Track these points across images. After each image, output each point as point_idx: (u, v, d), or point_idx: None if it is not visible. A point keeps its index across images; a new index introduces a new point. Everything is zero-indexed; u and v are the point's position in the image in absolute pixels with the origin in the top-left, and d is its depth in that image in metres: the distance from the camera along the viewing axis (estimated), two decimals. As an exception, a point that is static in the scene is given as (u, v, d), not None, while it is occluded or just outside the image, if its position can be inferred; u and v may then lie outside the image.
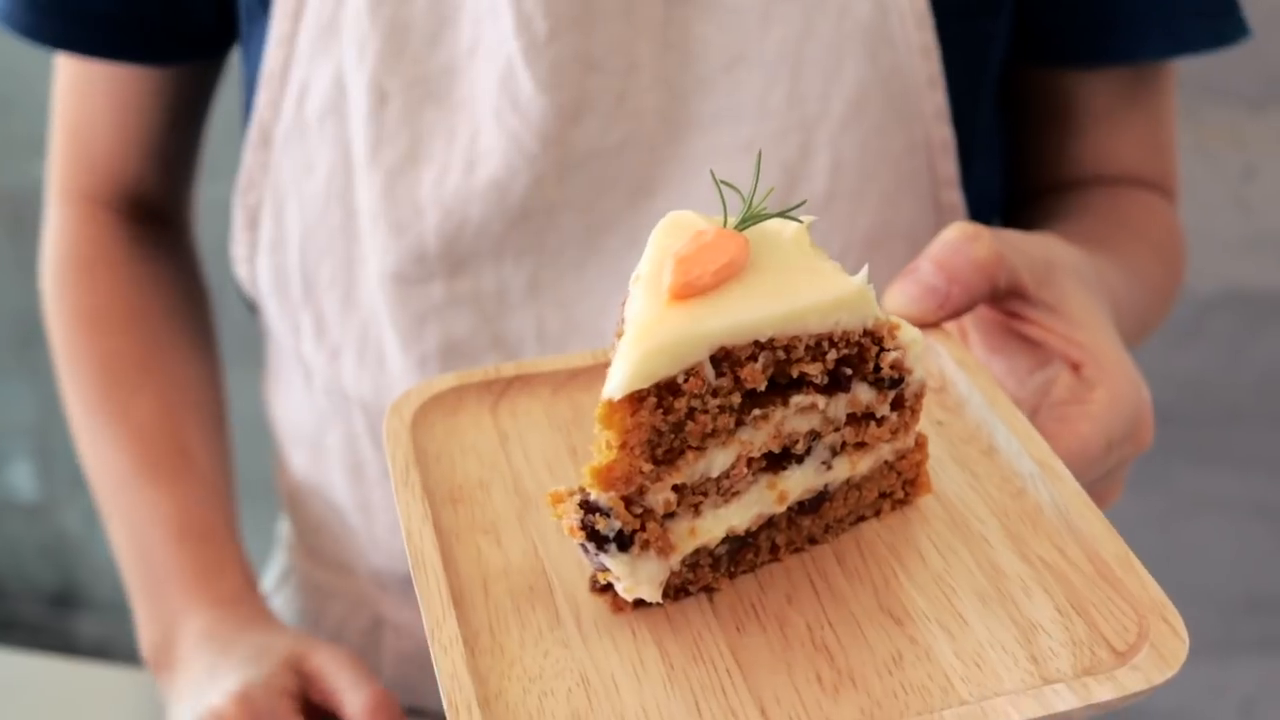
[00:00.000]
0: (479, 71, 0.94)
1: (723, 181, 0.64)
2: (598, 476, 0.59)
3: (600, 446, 0.59)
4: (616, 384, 0.57)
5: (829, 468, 0.65)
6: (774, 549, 0.66)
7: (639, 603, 0.63)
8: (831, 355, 0.62)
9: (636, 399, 0.58)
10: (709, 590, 0.65)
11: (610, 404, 0.58)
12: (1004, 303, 0.77)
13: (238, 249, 1.06)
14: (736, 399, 0.61)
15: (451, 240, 0.96)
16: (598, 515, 0.60)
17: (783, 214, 0.63)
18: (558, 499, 0.62)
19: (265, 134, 1.01)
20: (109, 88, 1.08)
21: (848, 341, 0.62)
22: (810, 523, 0.66)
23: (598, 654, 0.62)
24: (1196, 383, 2.07)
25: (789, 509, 0.65)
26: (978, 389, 0.73)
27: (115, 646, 2.28)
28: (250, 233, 1.04)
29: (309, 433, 1.10)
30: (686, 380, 0.59)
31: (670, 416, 0.59)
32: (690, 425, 0.60)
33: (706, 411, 0.60)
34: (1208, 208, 1.93)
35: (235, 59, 1.11)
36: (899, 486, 0.68)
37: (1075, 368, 0.76)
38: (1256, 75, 1.91)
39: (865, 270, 0.63)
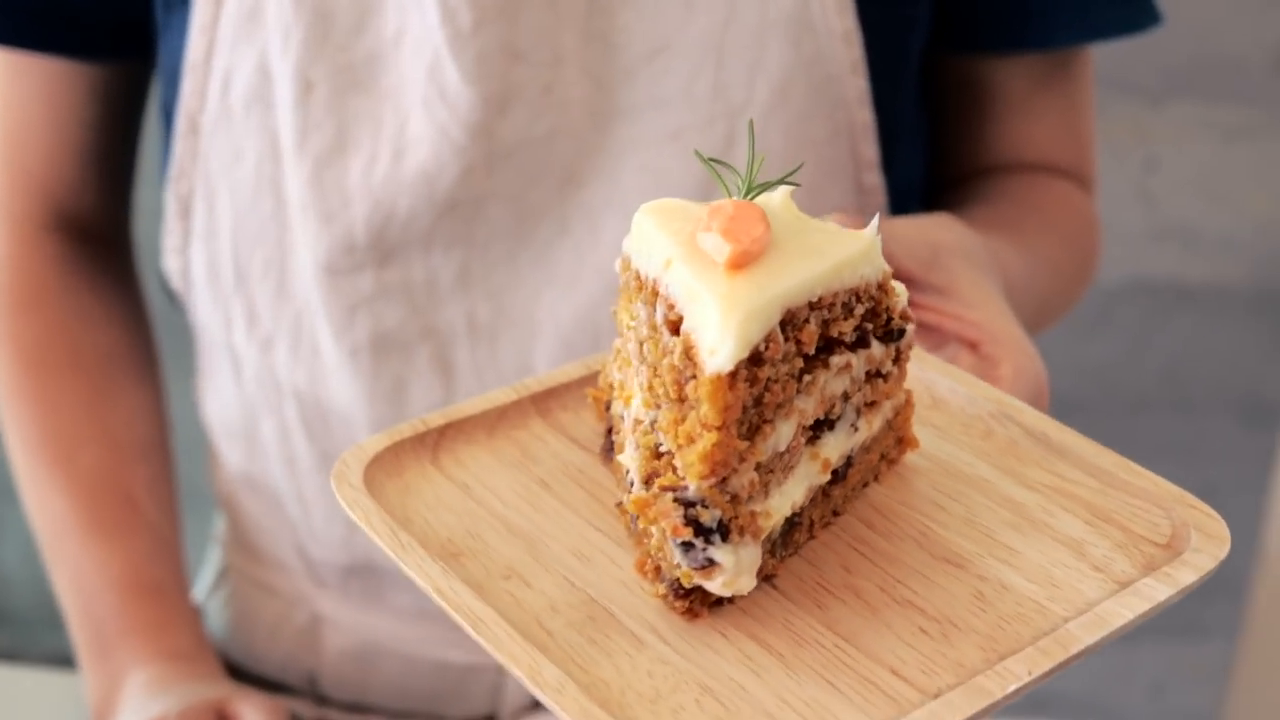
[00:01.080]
0: (405, 60, 0.92)
1: (710, 160, 0.62)
2: (705, 461, 0.56)
3: (691, 434, 0.56)
4: (726, 355, 0.55)
5: (856, 429, 0.65)
6: (811, 526, 0.64)
7: (715, 604, 0.60)
8: (859, 310, 0.62)
9: (734, 372, 0.55)
10: (769, 578, 0.62)
11: (718, 379, 0.55)
12: None
13: (170, 239, 1.01)
14: (799, 364, 0.59)
15: (380, 230, 0.94)
16: (698, 508, 0.57)
17: (784, 180, 0.62)
18: (645, 504, 0.58)
19: (192, 122, 0.98)
20: (42, 90, 1.05)
21: (869, 294, 0.62)
22: (838, 493, 0.65)
23: (702, 662, 0.58)
24: (1104, 372, 2.11)
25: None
26: (895, 353, 0.74)
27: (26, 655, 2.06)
28: (183, 222, 1.00)
29: (241, 426, 1.06)
30: (767, 347, 0.57)
31: (754, 389, 0.57)
32: (767, 397, 0.58)
33: (778, 381, 0.58)
34: (1112, 200, 1.97)
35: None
36: (893, 445, 0.68)
37: (973, 347, 0.78)
38: (1157, 69, 1.96)
39: (875, 220, 0.63)
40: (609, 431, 0.69)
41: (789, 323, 0.58)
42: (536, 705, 1.09)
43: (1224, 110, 2.07)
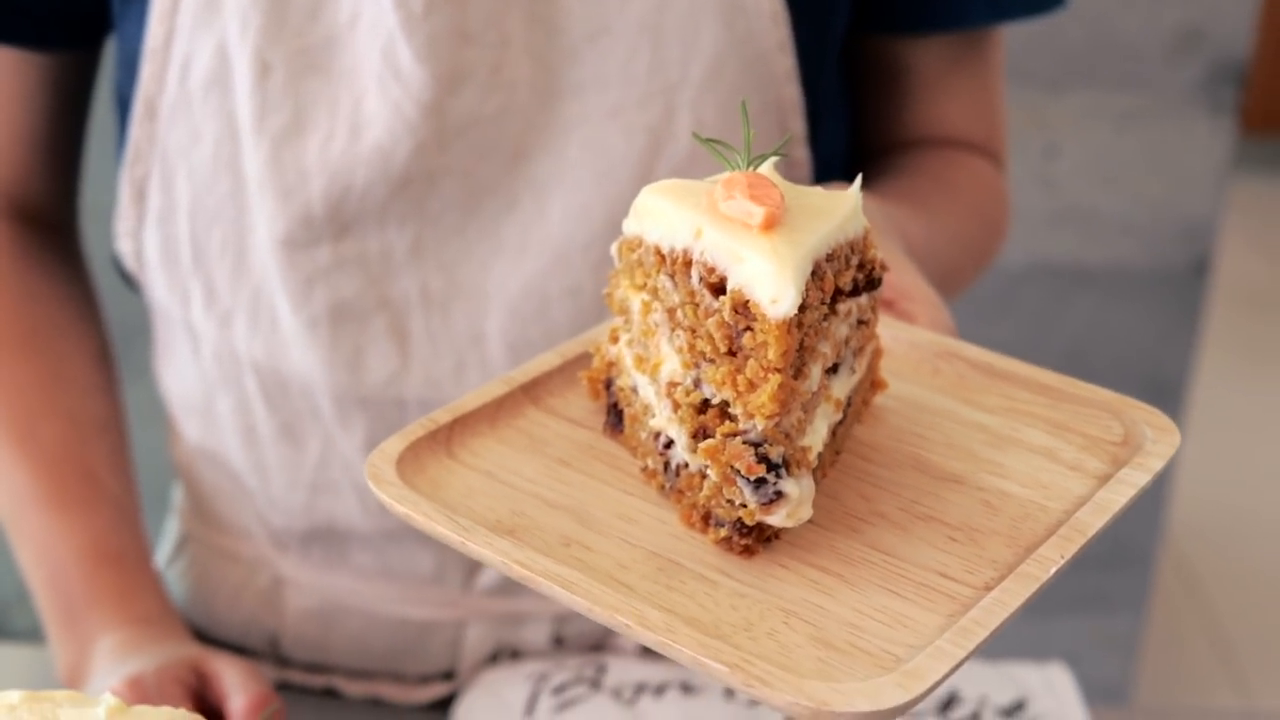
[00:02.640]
0: (360, 43, 0.96)
1: (709, 140, 0.68)
2: (774, 400, 0.61)
3: (753, 380, 0.62)
4: (790, 301, 0.60)
5: (853, 371, 0.71)
6: (824, 465, 0.70)
7: (767, 540, 0.66)
8: (854, 261, 0.68)
9: (787, 319, 0.61)
10: (802, 513, 0.68)
11: (784, 323, 0.60)
12: None
13: (123, 223, 1.04)
14: (824, 311, 0.65)
15: (337, 204, 0.98)
16: (765, 446, 0.62)
17: (776, 151, 0.68)
18: (716, 451, 0.63)
19: (150, 107, 1.02)
20: None
21: (859, 247, 0.69)
22: (840, 431, 0.72)
23: (775, 591, 0.64)
24: (1008, 352, 2.11)
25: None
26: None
27: None
28: (137, 206, 1.03)
29: (199, 401, 1.09)
30: (807, 295, 0.63)
31: (799, 334, 0.63)
32: (805, 341, 0.64)
33: (812, 327, 0.64)
34: (1014, 185, 1.93)
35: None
36: (868, 386, 0.75)
37: (888, 305, 0.84)
38: (1055, 58, 1.98)
39: (859, 179, 0.70)
40: (612, 407, 0.73)
41: (816, 274, 0.64)
42: (494, 659, 1.12)
43: (1120, 97, 2.15)
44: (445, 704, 1.14)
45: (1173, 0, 2.13)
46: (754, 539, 0.65)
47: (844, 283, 0.67)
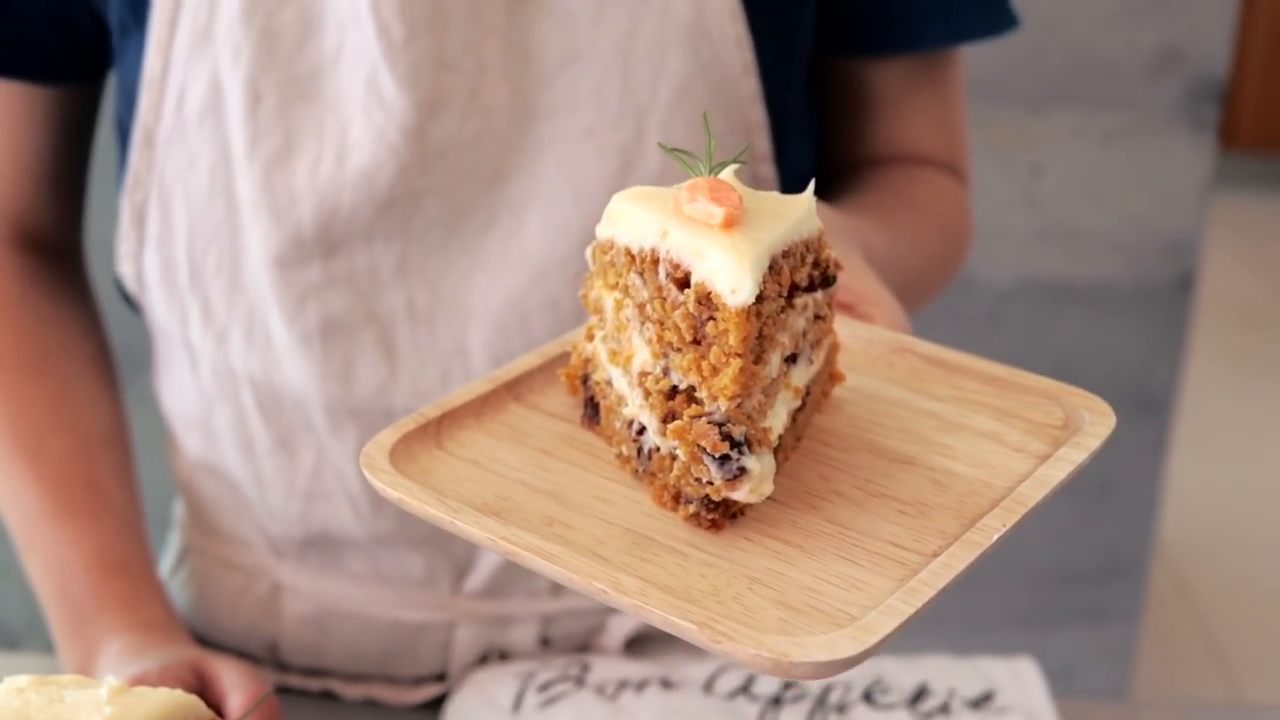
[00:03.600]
0: (345, 72, 1.02)
1: (674, 150, 0.74)
2: (736, 382, 0.67)
3: (715, 365, 0.68)
4: (747, 291, 0.66)
5: (811, 362, 0.77)
6: (786, 448, 0.76)
7: (733, 516, 0.71)
8: (809, 259, 0.74)
9: (751, 306, 0.67)
10: (765, 493, 0.74)
11: (743, 311, 0.66)
12: None
13: (124, 246, 1.10)
14: (781, 303, 0.71)
15: (325, 225, 1.04)
16: (728, 425, 0.68)
17: (736, 159, 0.74)
18: (684, 430, 0.69)
19: (148, 135, 1.07)
20: (1, 114, 1.14)
21: (813, 247, 0.75)
22: (800, 418, 0.77)
23: (740, 560, 0.69)
24: None
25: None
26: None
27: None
28: (137, 229, 1.09)
29: (198, 416, 1.14)
30: (764, 287, 0.68)
31: (758, 322, 0.69)
32: (764, 330, 0.70)
33: (770, 318, 0.70)
34: (1000, 204, 1.92)
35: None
36: (827, 378, 0.81)
37: (847, 308, 0.89)
38: (1037, 80, 2.02)
39: (812, 184, 0.75)
40: (589, 400, 0.79)
41: (772, 268, 0.70)
42: (483, 660, 1.17)
43: (1102, 116, 2.19)
44: (437, 704, 1.19)
45: (1152, 21, 2.18)
46: (720, 514, 0.70)
47: (800, 278, 0.73)
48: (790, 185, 1.16)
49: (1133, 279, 2.32)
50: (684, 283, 0.69)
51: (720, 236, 0.68)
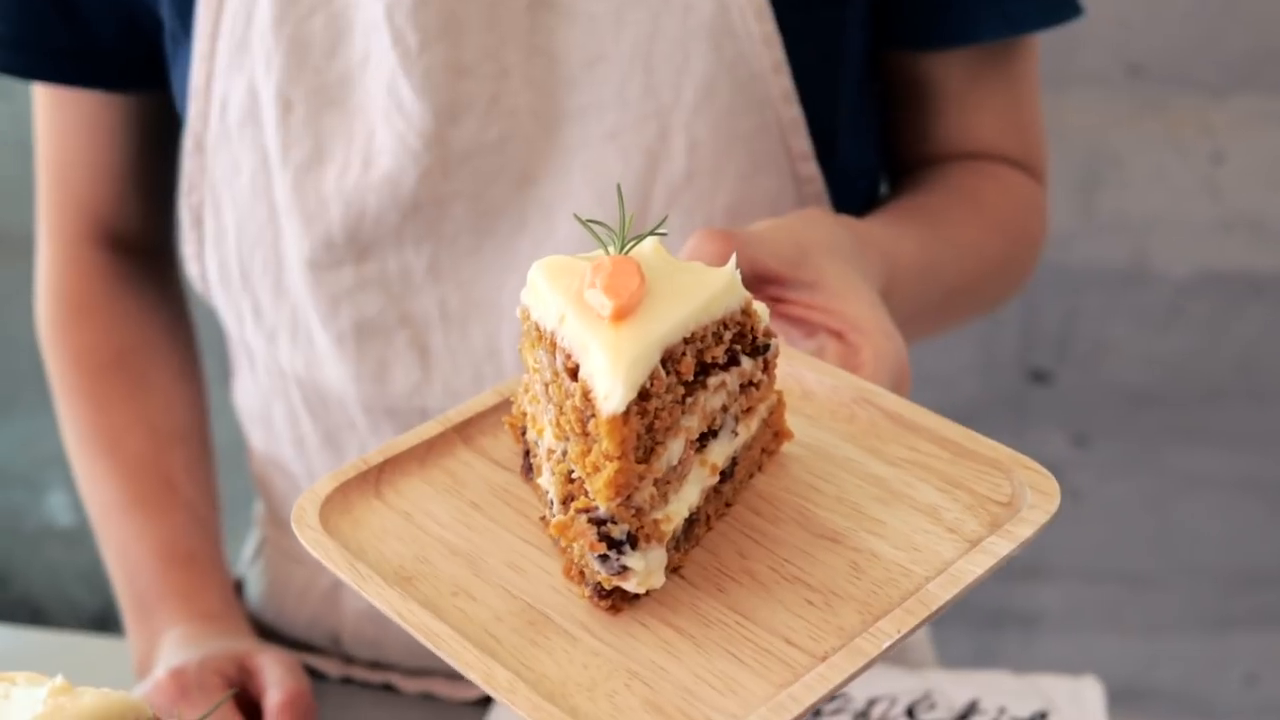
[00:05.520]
0: (371, 79, 1.04)
1: (589, 220, 0.72)
2: (610, 487, 0.66)
3: (595, 464, 0.67)
4: (618, 399, 0.65)
5: (735, 434, 0.75)
6: (708, 520, 0.75)
7: (633, 599, 0.71)
8: (727, 336, 0.72)
9: (627, 410, 0.66)
10: (676, 569, 0.73)
11: (614, 419, 0.65)
12: (763, 289, 0.88)
13: (187, 247, 1.15)
14: (680, 392, 0.70)
15: (354, 230, 1.06)
16: (608, 525, 0.68)
17: (653, 232, 0.73)
18: (565, 527, 0.69)
19: (198, 141, 1.11)
20: (80, 121, 1.20)
21: (734, 321, 0.73)
22: (728, 488, 0.76)
23: (627, 650, 0.69)
24: (1178, 364, 2.10)
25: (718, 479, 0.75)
26: (767, 351, 0.85)
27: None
28: (196, 230, 1.13)
29: (260, 412, 1.20)
30: (651, 384, 0.67)
31: (644, 420, 0.68)
32: (656, 424, 0.69)
33: (665, 409, 0.69)
34: (1179, 193, 1.89)
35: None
36: (770, 439, 0.79)
37: (838, 336, 0.87)
38: (1219, 64, 1.96)
39: (733, 259, 0.73)
40: (526, 454, 0.79)
41: (668, 359, 0.68)
42: None
43: None
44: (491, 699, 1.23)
45: (1340, 1, 2.04)
46: (617, 598, 0.70)
47: (716, 356, 0.72)
48: (846, 181, 1.13)
49: (1320, 271, 2.20)
50: (575, 374, 0.68)
51: (606, 331, 0.67)
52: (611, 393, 0.65)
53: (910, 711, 1.10)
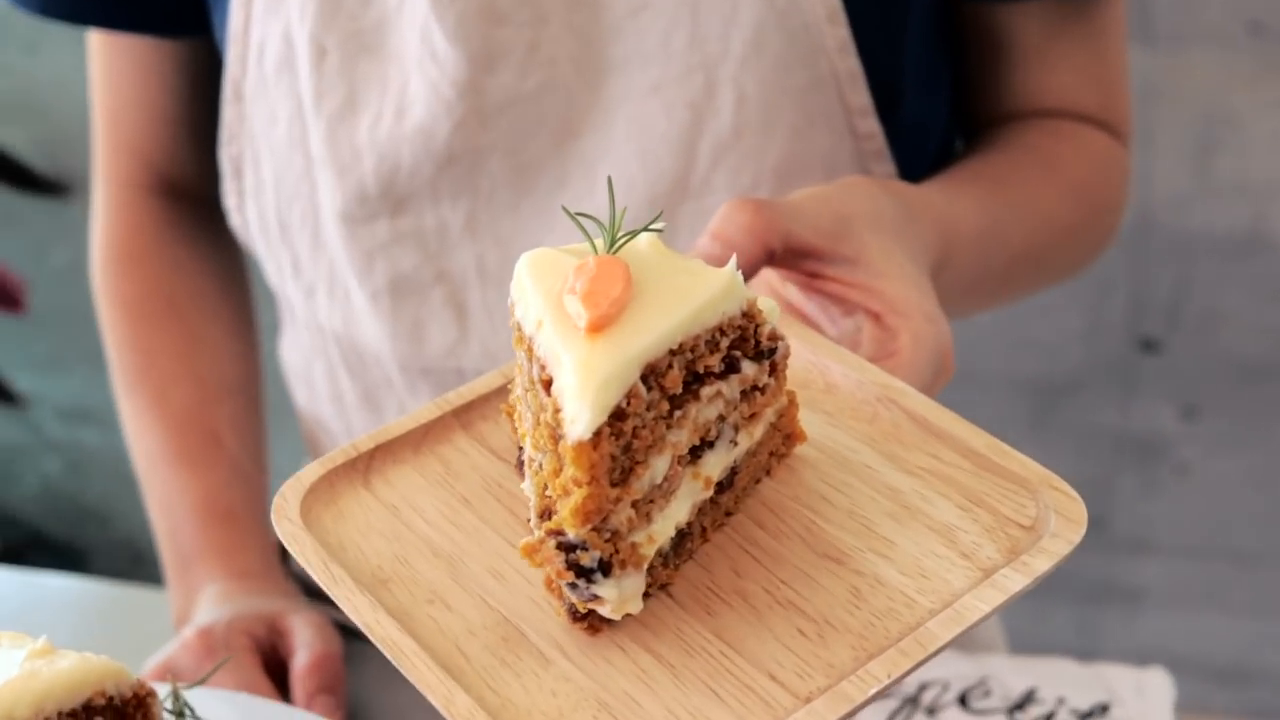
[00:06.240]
0: (406, 26, 1.00)
1: (577, 214, 0.67)
2: (577, 515, 0.62)
3: (565, 487, 0.62)
4: (584, 425, 0.60)
5: (735, 444, 0.70)
6: (703, 531, 0.70)
7: (612, 620, 0.67)
8: (724, 343, 0.67)
9: (597, 434, 0.61)
10: (664, 587, 0.69)
11: (580, 445, 0.61)
12: (799, 264, 0.82)
13: (229, 199, 1.13)
14: (665, 407, 0.65)
15: (388, 182, 1.03)
16: (577, 552, 0.63)
17: (646, 228, 0.67)
18: (533, 550, 0.64)
19: (237, 89, 1.10)
20: (132, 66, 1.18)
21: (733, 326, 0.67)
22: (727, 498, 0.71)
23: (600, 677, 0.65)
24: None
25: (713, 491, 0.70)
26: (794, 336, 0.79)
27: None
28: (236, 181, 1.11)
29: (302, 368, 1.19)
30: (628, 403, 0.62)
31: (620, 440, 0.63)
32: (635, 444, 0.64)
33: (645, 426, 0.64)
34: None
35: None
36: (781, 442, 0.74)
37: (876, 318, 0.81)
38: None
39: (734, 259, 0.68)
40: (521, 447, 0.75)
41: (652, 373, 0.63)
42: None
43: None
44: None
45: None
46: (592, 620, 0.66)
47: (709, 365, 0.66)
48: (912, 137, 1.06)
49: None
50: (549, 387, 0.64)
51: (580, 345, 0.62)
52: (578, 417, 0.60)
53: (963, 699, 1.05)
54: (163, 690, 0.83)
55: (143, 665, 1.02)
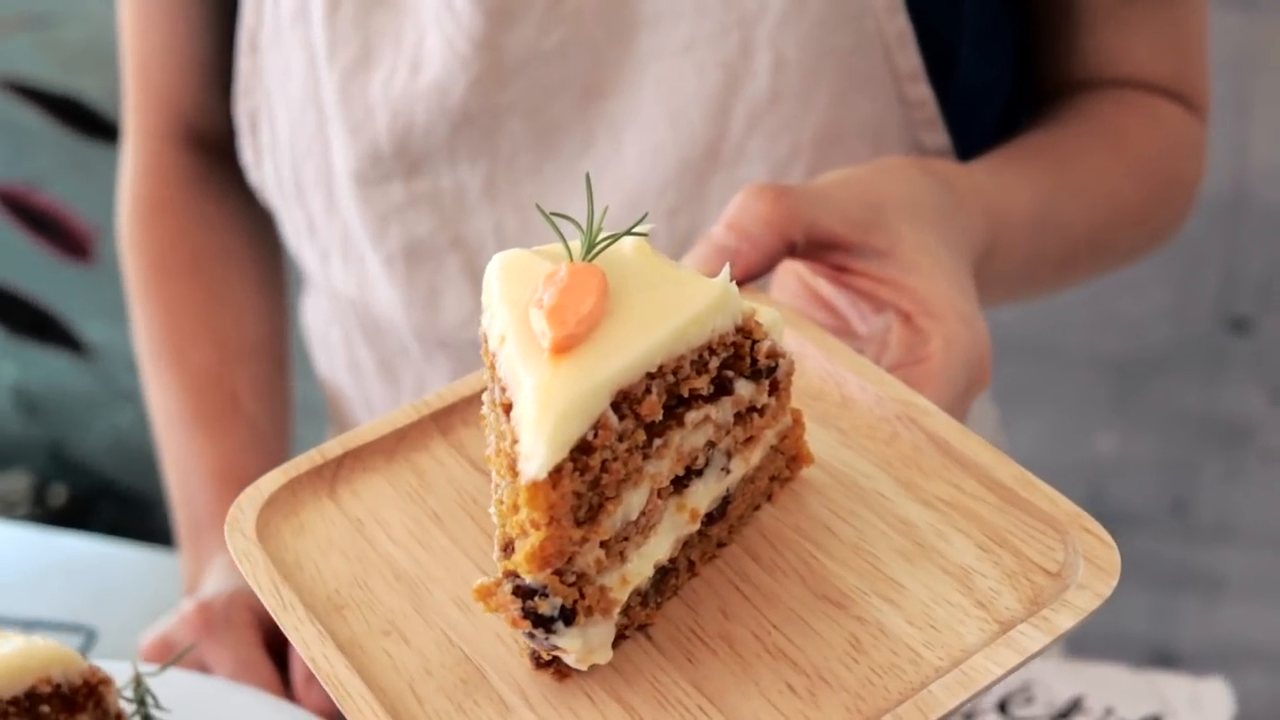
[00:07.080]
0: None
1: (552, 214, 0.60)
2: (533, 560, 0.55)
3: (523, 528, 0.56)
4: (539, 463, 0.53)
5: (728, 471, 0.63)
6: (691, 565, 0.64)
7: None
8: (714, 363, 0.60)
9: (557, 471, 0.54)
10: (643, 628, 0.62)
11: (535, 485, 0.54)
12: (825, 256, 0.75)
13: (245, 154, 1.08)
14: (641, 437, 0.58)
15: (402, 141, 0.97)
16: (536, 598, 0.57)
17: (629, 232, 0.60)
18: (487, 593, 0.58)
19: (252, 39, 1.05)
20: (161, 13, 1.13)
21: (725, 344, 0.60)
22: (719, 529, 0.64)
23: (563, 731, 0.59)
24: None
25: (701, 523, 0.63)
26: (810, 341, 0.72)
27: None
28: (253, 136, 1.07)
29: (320, 333, 1.15)
30: (596, 435, 0.55)
31: (587, 476, 0.56)
32: (605, 478, 0.57)
33: (617, 459, 0.57)
34: None
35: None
36: (784, 466, 0.67)
37: (906, 318, 0.74)
38: None
39: (727, 268, 0.60)
40: (497, 463, 0.68)
41: (625, 400, 0.56)
42: None
43: None
44: None
45: None
46: (557, 666, 0.60)
47: (695, 388, 0.59)
48: (969, 104, 0.97)
49: None
50: (509, 411, 0.57)
51: (542, 368, 0.55)
52: (533, 454, 0.53)
53: (1003, 705, 0.97)
54: (124, 675, 0.79)
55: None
